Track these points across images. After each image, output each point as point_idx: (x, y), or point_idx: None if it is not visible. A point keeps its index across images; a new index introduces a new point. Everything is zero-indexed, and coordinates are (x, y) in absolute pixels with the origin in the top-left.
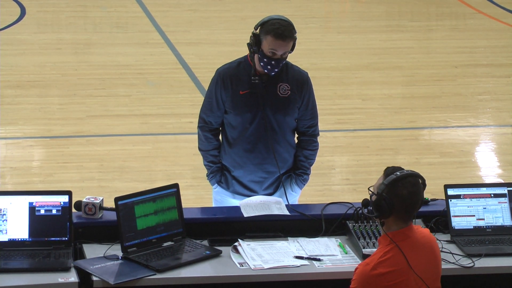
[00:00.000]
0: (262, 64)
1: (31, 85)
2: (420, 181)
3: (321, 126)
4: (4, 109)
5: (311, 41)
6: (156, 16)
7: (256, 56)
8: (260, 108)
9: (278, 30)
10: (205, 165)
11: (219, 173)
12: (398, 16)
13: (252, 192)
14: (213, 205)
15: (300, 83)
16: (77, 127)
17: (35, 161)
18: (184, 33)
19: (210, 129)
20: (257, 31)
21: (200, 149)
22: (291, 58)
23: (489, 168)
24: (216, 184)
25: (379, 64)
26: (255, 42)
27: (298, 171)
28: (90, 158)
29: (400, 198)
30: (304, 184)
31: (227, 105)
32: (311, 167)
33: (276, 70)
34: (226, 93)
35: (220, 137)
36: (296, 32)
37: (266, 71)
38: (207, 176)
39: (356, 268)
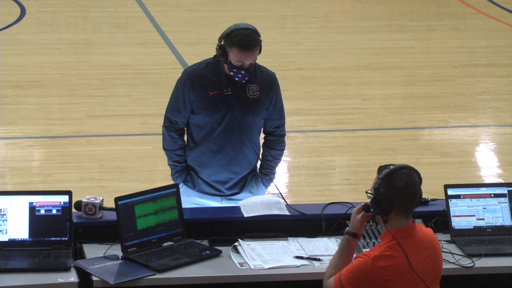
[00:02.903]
0: (232, 73)
1: (31, 85)
2: (415, 174)
3: (321, 126)
4: (4, 109)
5: (311, 41)
6: (156, 16)
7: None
8: (229, 109)
9: (243, 42)
10: (169, 164)
11: (184, 173)
12: (398, 16)
13: (217, 191)
14: None
15: (269, 83)
16: (77, 127)
17: (35, 161)
18: (184, 33)
19: (175, 129)
20: (222, 43)
21: (165, 149)
22: (291, 58)
23: (489, 168)
24: (182, 184)
25: (379, 64)
26: (221, 54)
27: (265, 170)
28: (90, 158)
29: (397, 190)
30: (270, 184)
31: (195, 106)
32: (276, 167)
33: (246, 78)
34: (194, 94)
35: (185, 137)
36: (260, 36)
37: (237, 79)
38: (172, 175)
39: (355, 258)
